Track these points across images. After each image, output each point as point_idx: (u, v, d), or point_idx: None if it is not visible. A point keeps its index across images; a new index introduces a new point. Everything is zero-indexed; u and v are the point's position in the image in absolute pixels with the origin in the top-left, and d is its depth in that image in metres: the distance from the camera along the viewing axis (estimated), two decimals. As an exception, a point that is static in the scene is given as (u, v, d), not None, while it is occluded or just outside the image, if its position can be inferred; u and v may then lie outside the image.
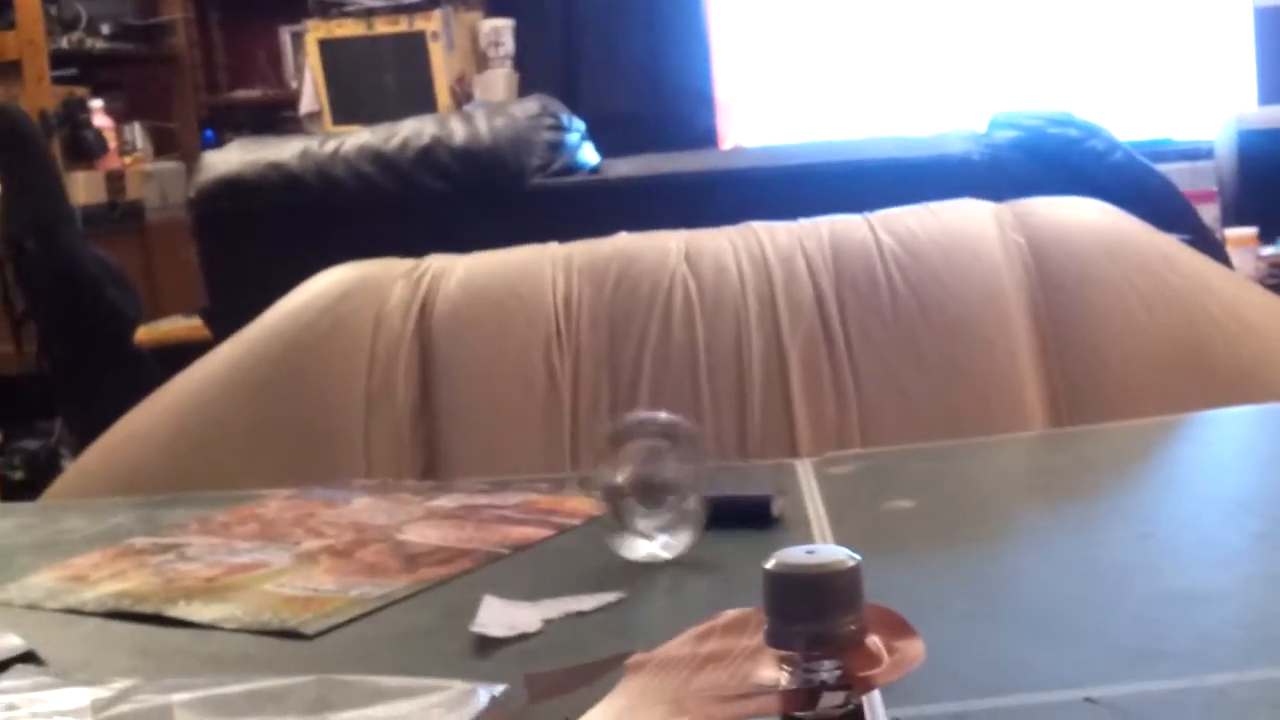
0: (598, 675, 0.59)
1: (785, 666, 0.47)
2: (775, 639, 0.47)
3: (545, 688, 0.62)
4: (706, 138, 4.42)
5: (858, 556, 0.47)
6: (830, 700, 0.46)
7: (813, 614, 0.46)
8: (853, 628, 0.46)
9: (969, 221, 1.56)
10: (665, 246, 1.51)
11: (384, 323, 1.46)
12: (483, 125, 2.30)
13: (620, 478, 0.98)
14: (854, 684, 0.46)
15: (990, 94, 4.31)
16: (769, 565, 0.47)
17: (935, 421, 1.45)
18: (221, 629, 0.92)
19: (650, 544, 0.98)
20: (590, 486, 1.03)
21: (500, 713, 0.60)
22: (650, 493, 0.98)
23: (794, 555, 0.47)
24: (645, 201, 2.26)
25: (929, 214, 1.57)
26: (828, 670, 0.46)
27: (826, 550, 0.48)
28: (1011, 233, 1.54)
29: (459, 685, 0.76)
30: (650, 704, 0.50)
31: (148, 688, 0.79)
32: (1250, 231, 3.75)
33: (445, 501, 1.16)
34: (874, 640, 0.48)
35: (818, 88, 4.51)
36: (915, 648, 0.49)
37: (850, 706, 0.47)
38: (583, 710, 0.55)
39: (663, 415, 1.02)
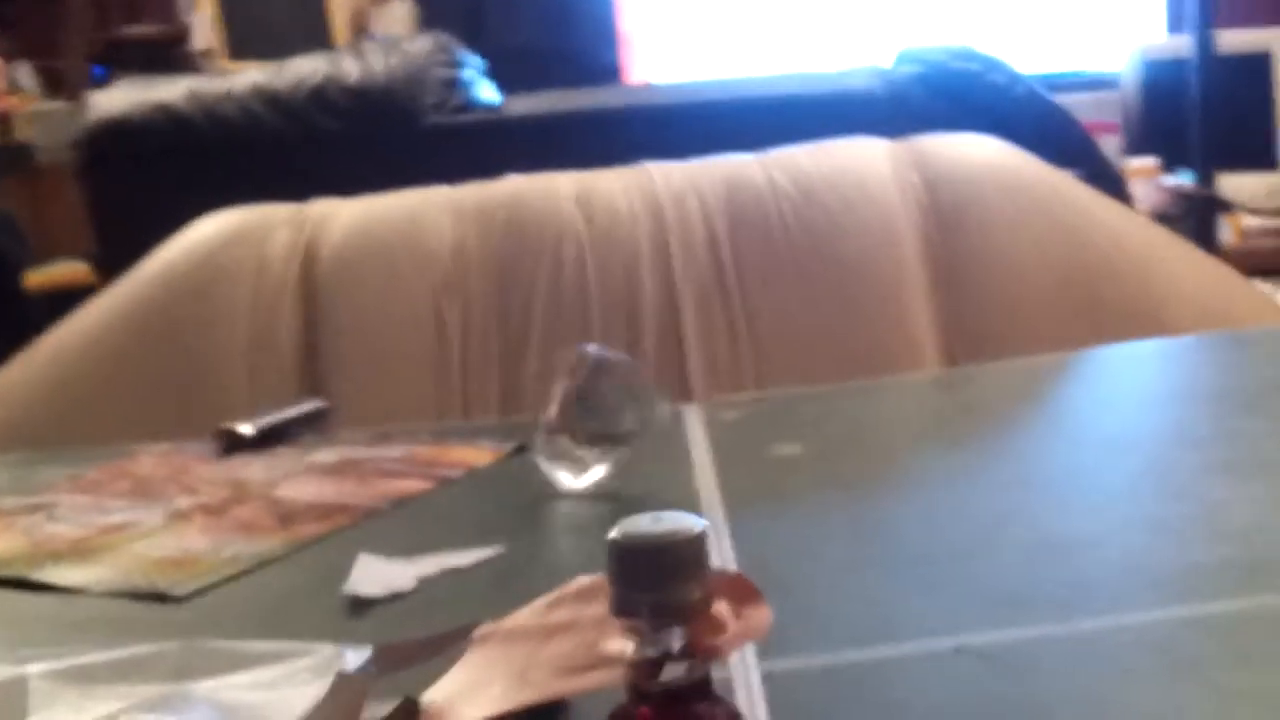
0: (446, 647, 0.57)
1: (631, 636, 0.46)
2: (620, 608, 0.45)
3: (393, 660, 0.61)
4: (612, 73, 4.37)
5: (704, 523, 0.46)
6: (674, 670, 0.45)
7: (656, 582, 0.45)
8: (698, 595, 0.45)
9: (863, 160, 1.55)
10: (556, 189, 1.49)
11: (266, 270, 1.42)
12: (377, 63, 2.25)
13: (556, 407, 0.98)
14: (699, 652, 0.45)
15: (903, 28, 4.30)
16: (612, 534, 0.46)
17: (830, 362, 1.44)
18: (89, 593, 0.90)
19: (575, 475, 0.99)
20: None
21: (348, 686, 0.59)
22: (597, 426, 0.98)
23: (639, 523, 0.46)
24: (545, 139, 2.23)
25: (823, 153, 1.56)
26: (673, 639, 0.45)
27: (672, 517, 0.46)
28: (906, 171, 1.54)
29: (327, 649, 0.74)
30: (496, 676, 0.49)
31: (4, 658, 0.77)
32: (1152, 162, 3.78)
33: (326, 455, 1.13)
34: (721, 607, 0.47)
35: (725, 22, 4.47)
36: (762, 614, 0.48)
37: (696, 675, 0.46)
38: (430, 682, 0.54)
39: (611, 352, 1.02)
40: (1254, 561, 0.77)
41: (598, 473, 1.00)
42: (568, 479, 1.00)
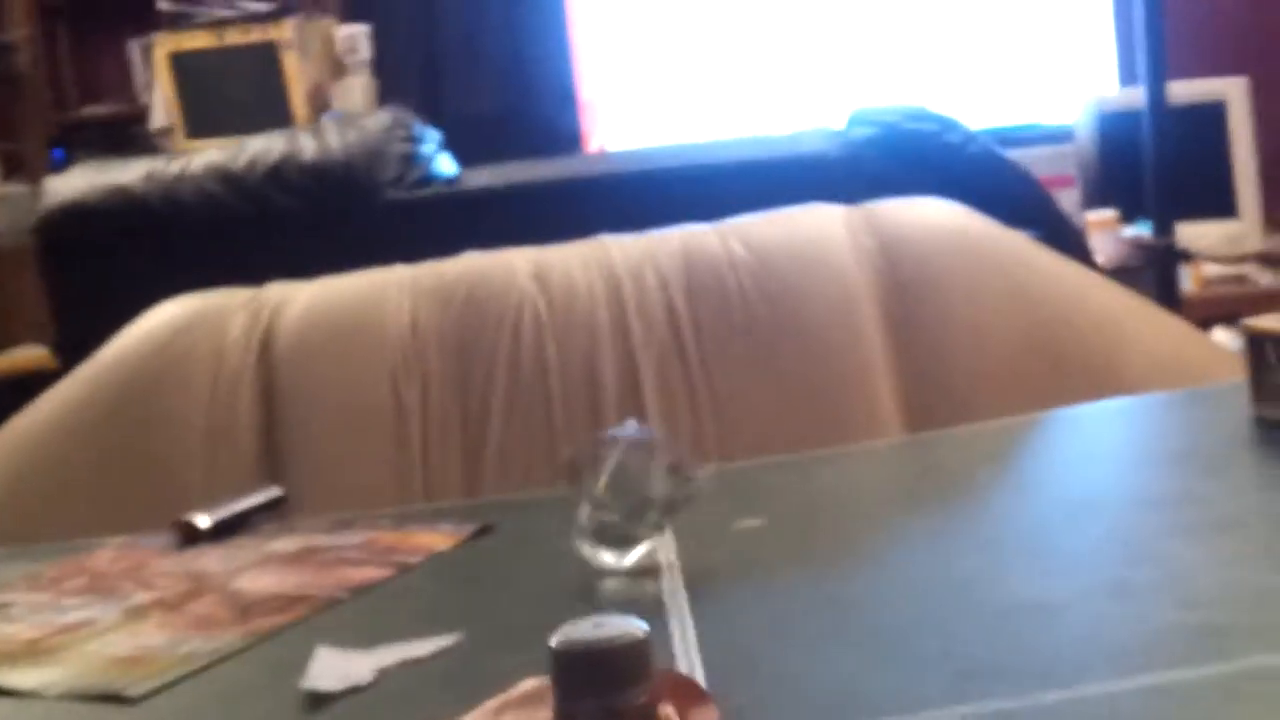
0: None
1: None
2: (564, 716, 0.45)
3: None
4: (572, 139, 4.40)
5: (645, 627, 0.45)
6: None
7: (598, 689, 0.44)
8: (642, 700, 0.45)
9: (819, 228, 1.55)
10: (512, 265, 1.49)
11: (224, 356, 1.42)
12: (334, 139, 2.26)
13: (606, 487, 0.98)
14: None
15: (856, 88, 4.34)
16: (553, 640, 0.45)
17: (792, 432, 1.44)
18: (44, 696, 0.88)
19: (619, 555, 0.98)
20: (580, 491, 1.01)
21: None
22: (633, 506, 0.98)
23: (580, 629, 0.46)
24: (503, 211, 2.23)
25: (780, 221, 1.56)
26: None
27: (614, 622, 0.46)
28: (862, 237, 1.54)
29: (283, 749, 0.73)
30: None
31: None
32: (1111, 214, 3.81)
33: (285, 544, 1.12)
34: (667, 710, 0.47)
35: (682, 86, 4.51)
36: (709, 715, 0.48)
37: None
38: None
39: (641, 429, 1.02)
40: (1216, 627, 0.77)
41: (643, 549, 0.99)
42: (612, 558, 0.99)
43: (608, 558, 0.99)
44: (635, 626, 0.45)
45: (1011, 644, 0.79)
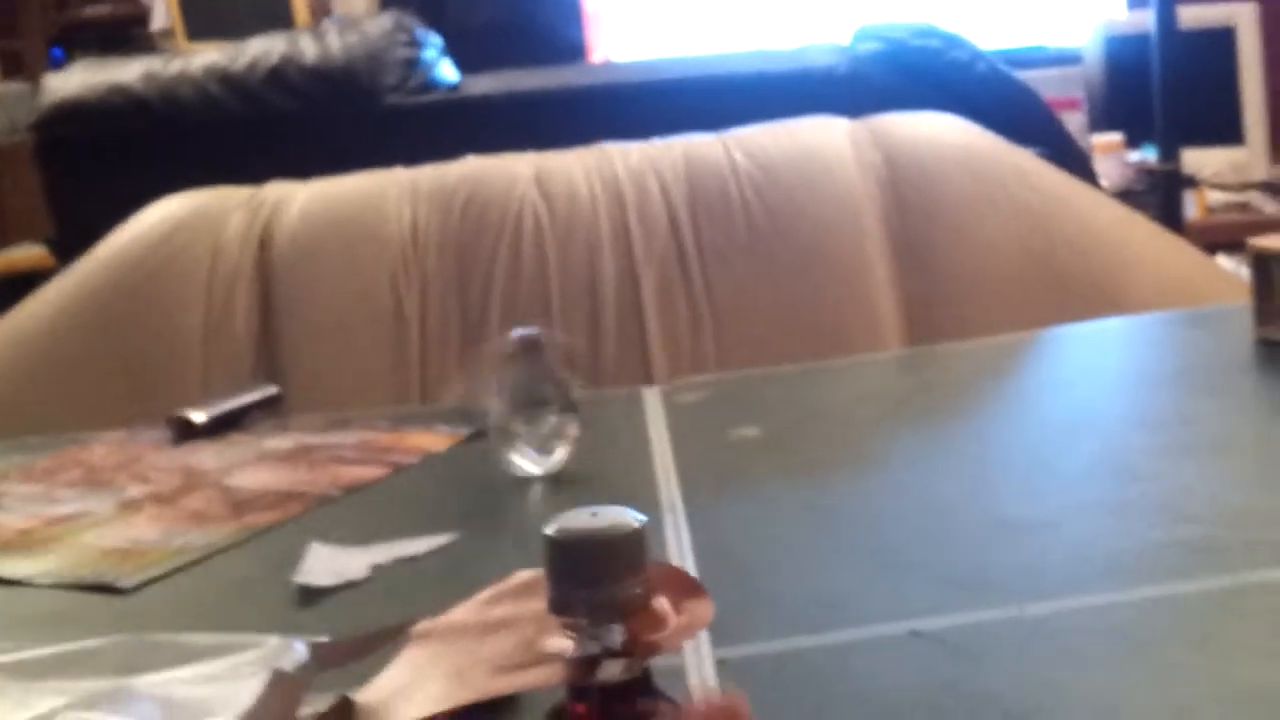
0: (384, 643, 0.56)
1: (569, 633, 0.45)
2: (557, 606, 0.45)
3: (331, 656, 0.60)
4: (575, 50, 4.35)
5: (642, 518, 0.45)
6: (611, 667, 0.44)
7: (594, 579, 0.44)
8: (637, 591, 0.44)
9: (824, 140, 1.54)
10: (514, 170, 1.48)
11: (221, 254, 1.41)
12: (335, 43, 2.23)
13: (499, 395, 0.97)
14: (637, 649, 0.44)
15: (864, 4, 4.29)
16: (548, 530, 0.45)
17: (792, 342, 1.44)
18: (35, 585, 0.89)
19: (529, 460, 0.98)
20: (469, 408, 1.01)
21: (285, 682, 0.57)
22: (529, 409, 0.98)
23: (576, 518, 0.45)
24: (505, 119, 2.21)
25: (784, 132, 1.55)
26: (613, 636, 0.44)
27: (610, 512, 0.45)
28: (867, 150, 1.53)
29: (274, 640, 0.73)
30: (434, 674, 0.48)
31: (-54, 654, 0.76)
32: (1116, 138, 3.79)
33: (280, 442, 1.12)
34: (661, 602, 0.46)
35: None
36: (704, 608, 0.48)
37: (635, 671, 0.45)
38: (368, 679, 0.53)
39: (522, 331, 1.01)
40: (1208, 543, 0.77)
41: (560, 456, 0.99)
42: (527, 465, 0.99)
43: (523, 464, 0.99)
44: (631, 517, 0.45)
45: (1001, 557, 0.79)
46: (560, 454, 0.99)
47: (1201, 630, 0.68)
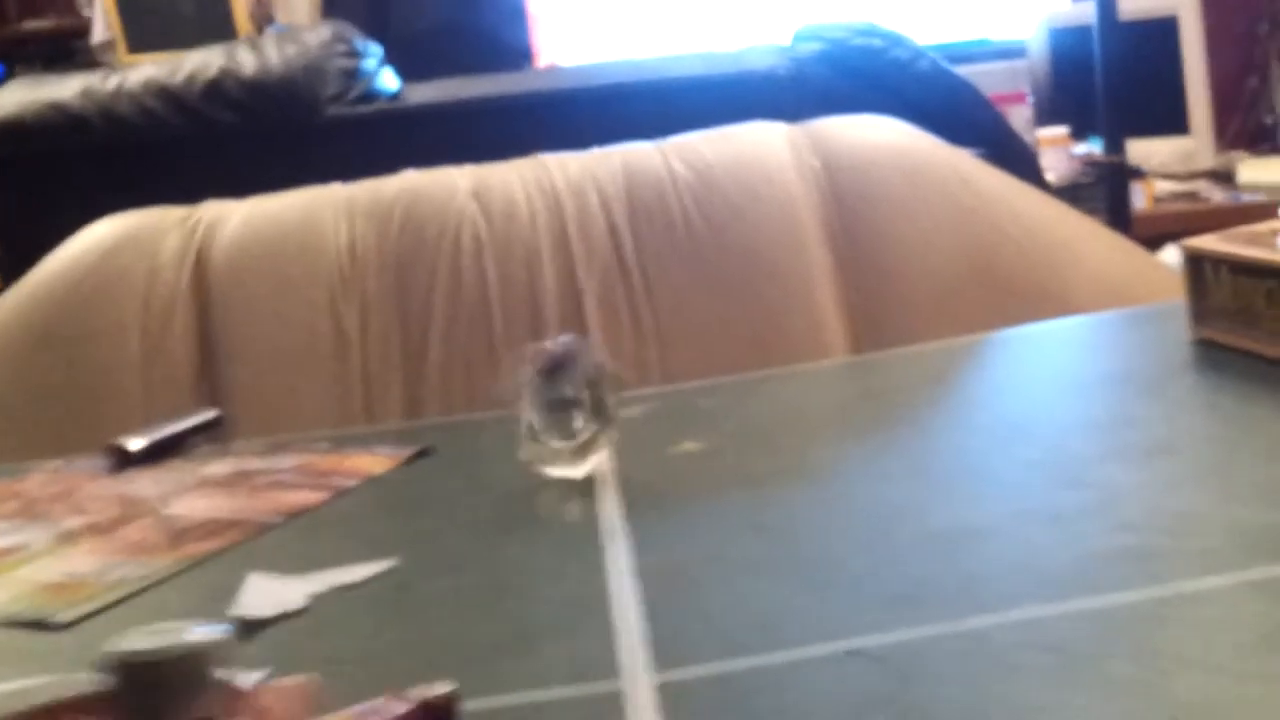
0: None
1: None
2: None
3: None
4: (520, 54, 4.34)
5: (217, 632, 0.43)
6: None
7: (146, 702, 0.43)
8: (200, 715, 0.43)
9: (763, 146, 1.54)
10: (452, 184, 1.47)
11: (157, 276, 1.39)
12: (273, 54, 2.21)
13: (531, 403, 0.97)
14: None
15: (804, 4, 4.30)
16: (106, 649, 0.43)
17: (735, 351, 1.44)
18: (-30, 624, 0.87)
19: (568, 464, 0.99)
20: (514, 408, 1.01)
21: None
22: (561, 415, 0.98)
23: (137, 638, 0.44)
24: (446, 128, 2.20)
25: (722, 139, 1.55)
26: None
27: (172, 631, 0.44)
28: (806, 156, 1.53)
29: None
30: None
31: (-125, 700, 0.74)
32: (1062, 131, 3.81)
33: (219, 468, 1.11)
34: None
35: (631, 1, 4.45)
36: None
37: None
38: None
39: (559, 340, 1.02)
40: (1145, 551, 0.77)
41: (594, 461, 0.99)
42: (562, 471, 0.99)
43: (560, 471, 0.99)
44: (201, 634, 0.43)
45: (940, 570, 0.79)
46: (594, 459, 0.99)
47: (1139, 642, 0.68)
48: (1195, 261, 1.11)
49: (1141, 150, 3.73)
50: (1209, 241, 1.11)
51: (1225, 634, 0.67)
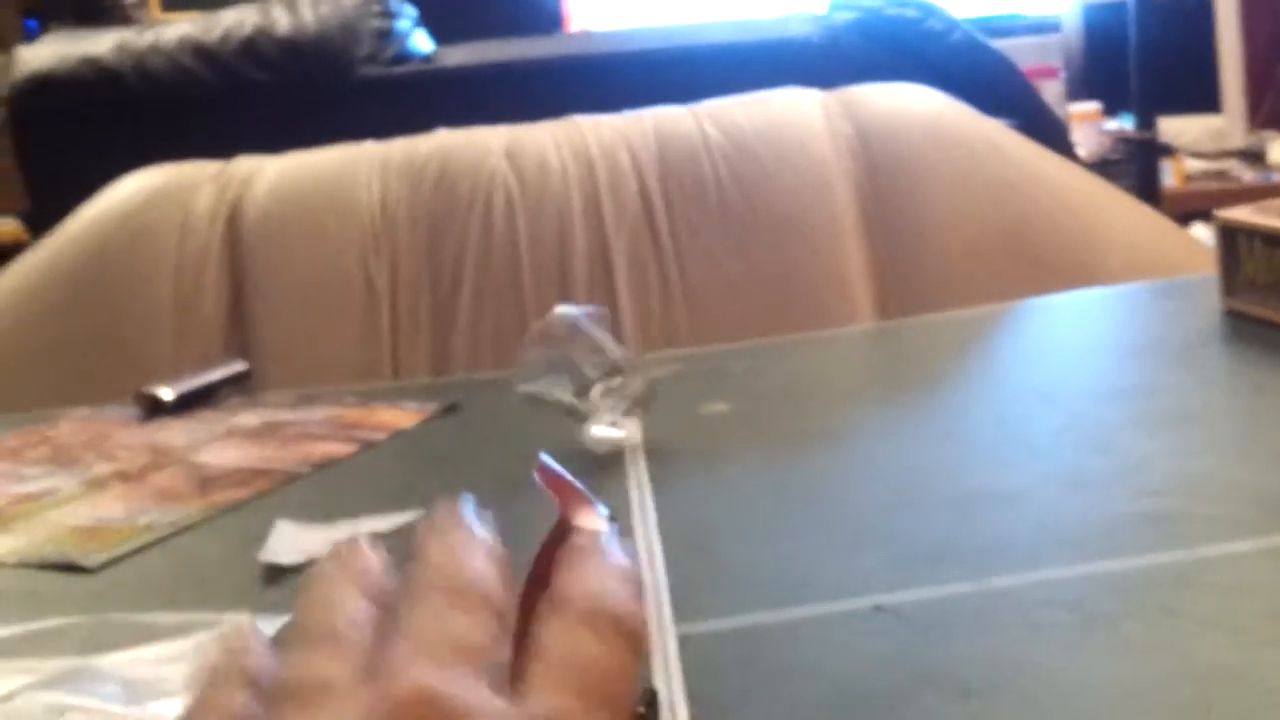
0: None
1: None
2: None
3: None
4: (553, 18, 4.33)
5: None
6: None
7: None
8: None
9: (796, 112, 1.53)
10: (485, 144, 1.47)
11: (190, 229, 1.40)
12: (308, 13, 2.22)
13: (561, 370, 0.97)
14: None
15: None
16: None
17: (764, 316, 1.44)
18: (2, 564, 0.88)
19: (611, 429, 0.98)
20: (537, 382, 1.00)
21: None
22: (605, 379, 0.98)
23: None
24: (478, 90, 2.21)
25: (755, 105, 1.54)
26: None
27: None
28: (839, 122, 1.53)
29: (237, 620, 0.73)
30: None
31: (-92, 634, 0.76)
32: (1094, 106, 3.79)
33: (248, 419, 1.12)
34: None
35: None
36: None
37: None
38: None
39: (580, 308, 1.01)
40: (1169, 516, 0.78)
41: (635, 425, 0.99)
42: (607, 433, 0.99)
43: (606, 433, 0.99)
44: None
45: (965, 530, 0.79)
46: (634, 422, 0.99)
47: (1161, 604, 0.68)
48: (1228, 233, 1.11)
49: (1173, 128, 3.71)
50: (1242, 213, 1.10)
51: (1246, 598, 0.67)
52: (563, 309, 0.98)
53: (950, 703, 0.60)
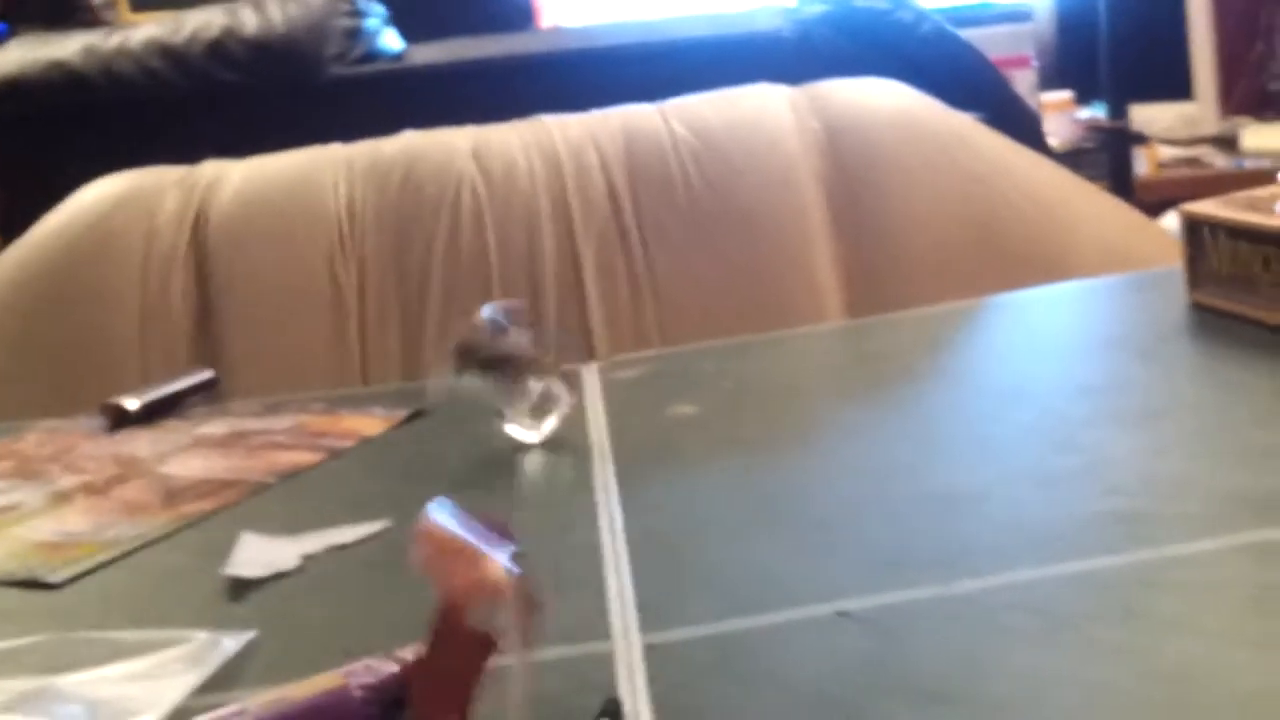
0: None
1: None
2: None
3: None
4: (523, 14, 4.31)
5: None
6: None
7: None
8: None
9: (764, 109, 1.53)
10: (452, 145, 1.47)
11: (156, 235, 1.39)
12: (275, 13, 2.21)
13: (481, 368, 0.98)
14: None
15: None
16: None
17: (734, 316, 1.44)
18: (-35, 581, 0.88)
19: (524, 427, 0.99)
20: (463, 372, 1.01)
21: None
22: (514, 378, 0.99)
23: None
24: (448, 88, 2.20)
25: (724, 101, 1.54)
26: None
27: None
28: (807, 118, 1.53)
29: (202, 636, 0.73)
30: None
31: None
32: (1066, 95, 3.80)
33: (214, 428, 1.11)
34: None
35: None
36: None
37: None
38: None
39: (501, 304, 1.02)
40: (1136, 515, 0.78)
41: (552, 423, 1.00)
42: (520, 433, 1.00)
43: (522, 434, 0.99)
44: None
45: (932, 532, 0.79)
46: (552, 420, 1.00)
47: (1126, 605, 0.68)
48: (1193, 226, 1.11)
49: (1145, 115, 3.71)
50: (1207, 206, 1.10)
51: (1214, 598, 0.68)
52: (485, 308, 0.98)
53: (917, 708, 0.60)
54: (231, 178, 1.45)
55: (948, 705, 0.60)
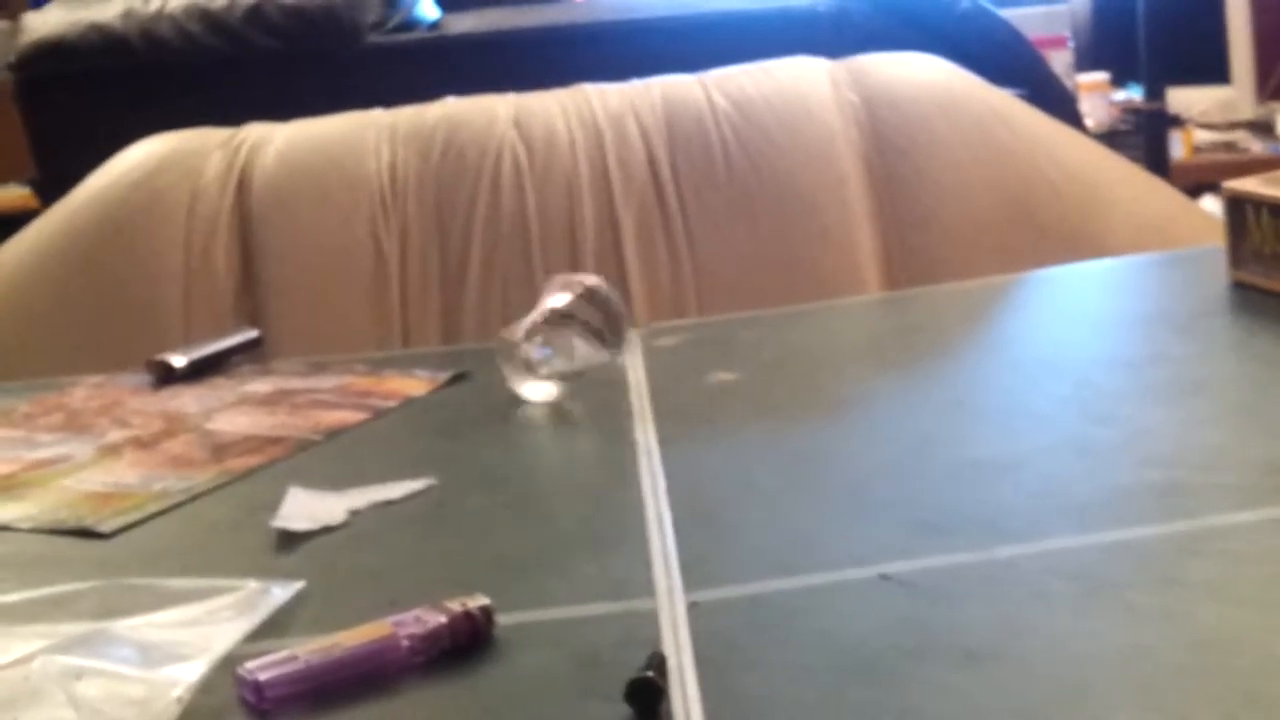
0: None
1: None
2: None
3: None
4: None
5: None
6: None
7: None
8: None
9: (803, 81, 1.53)
10: (493, 112, 1.47)
11: (200, 196, 1.40)
12: (315, -19, 2.22)
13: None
14: None
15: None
16: None
17: (771, 284, 1.44)
18: (16, 529, 0.89)
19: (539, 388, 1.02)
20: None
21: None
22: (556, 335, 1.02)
23: None
24: (486, 59, 2.20)
25: (763, 73, 1.54)
26: None
27: None
28: (846, 91, 1.53)
29: (251, 585, 0.74)
30: None
31: (-75, 597, 0.76)
32: (1102, 77, 3.78)
33: (260, 386, 1.13)
34: None
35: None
36: None
37: None
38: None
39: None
40: (1172, 486, 0.78)
41: (549, 390, 1.03)
42: (526, 390, 1.02)
43: (523, 388, 1.03)
44: None
45: (970, 499, 0.80)
46: (548, 388, 1.03)
47: (1163, 573, 0.69)
48: (1236, 204, 1.11)
49: (1181, 99, 3.69)
50: (1251, 184, 1.10)
51: (1250, 567, 0.68)
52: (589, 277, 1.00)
53: (954, 669, 0.61)
54: (275, 140, 1.46)
55: (987, 666, 0.61)
